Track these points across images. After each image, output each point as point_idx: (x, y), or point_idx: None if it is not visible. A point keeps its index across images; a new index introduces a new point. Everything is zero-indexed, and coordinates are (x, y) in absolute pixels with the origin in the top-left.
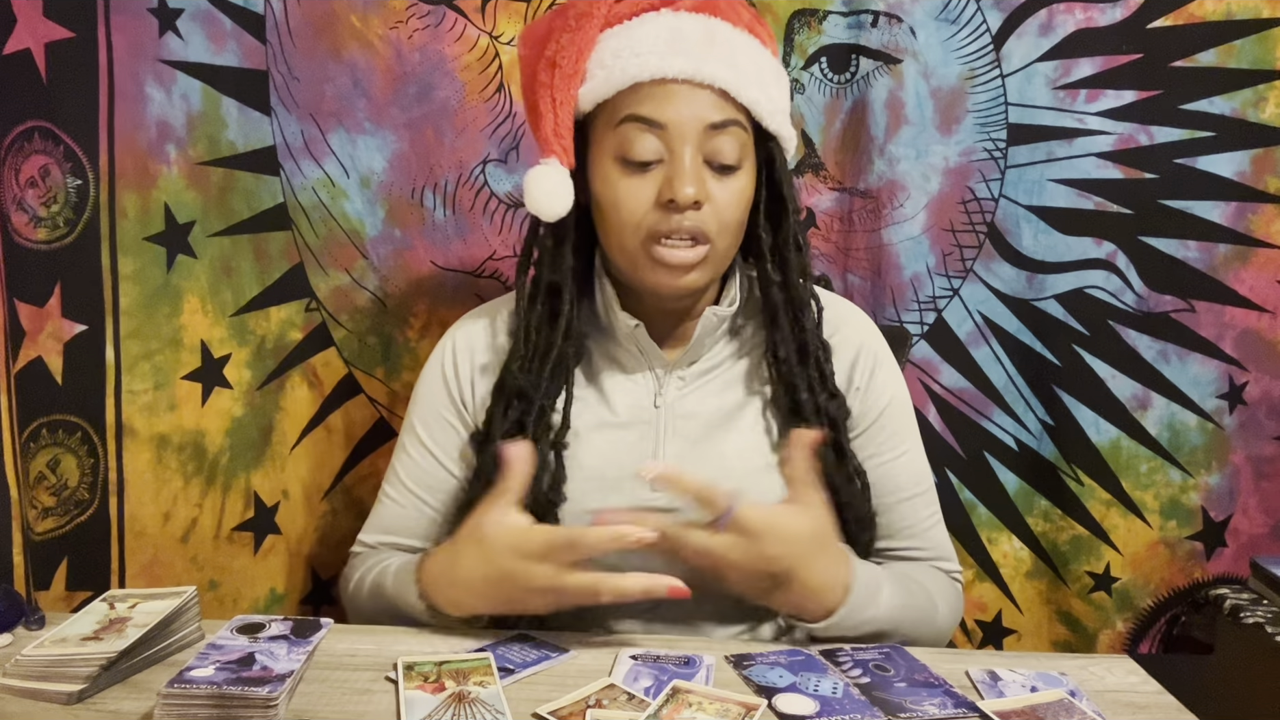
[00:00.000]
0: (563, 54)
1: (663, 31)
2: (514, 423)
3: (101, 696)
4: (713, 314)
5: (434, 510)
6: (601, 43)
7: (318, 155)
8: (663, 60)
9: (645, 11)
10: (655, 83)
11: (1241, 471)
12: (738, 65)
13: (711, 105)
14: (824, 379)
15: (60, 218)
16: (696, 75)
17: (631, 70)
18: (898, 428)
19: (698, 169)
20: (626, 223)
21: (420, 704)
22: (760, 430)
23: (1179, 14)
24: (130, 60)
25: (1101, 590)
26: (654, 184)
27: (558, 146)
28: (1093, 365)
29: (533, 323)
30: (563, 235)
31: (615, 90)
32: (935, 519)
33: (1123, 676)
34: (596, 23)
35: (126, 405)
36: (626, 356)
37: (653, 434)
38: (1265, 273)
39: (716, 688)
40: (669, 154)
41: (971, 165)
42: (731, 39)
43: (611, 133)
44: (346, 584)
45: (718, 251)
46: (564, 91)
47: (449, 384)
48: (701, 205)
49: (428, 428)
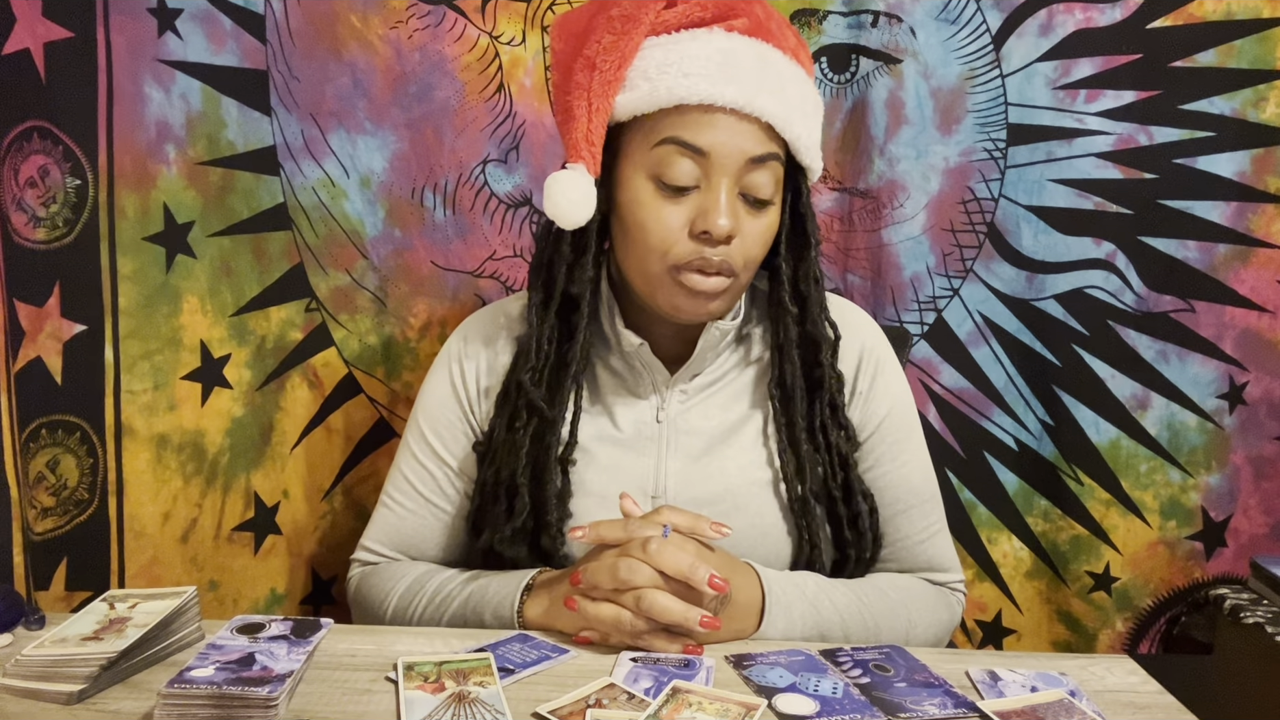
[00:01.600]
0: (604, 57)
1: (714, 53)
2: (522, 436)
3: (101, 696)
4: (716, 329)
5: (450, 516)
6: (646, 51)
7: (318, 155)
8: (714, 86)
9: (696, 26)
10: (702, 108)
11: (1241, 471)
12: (786, 98)
13: (755, 138)
14: (835, 411)
15: (59, 218)
16: (747, 107)
17: (679, 91)
18: (898, 437)
19: (733, 202)
20: (655, 248)
21: (420, 704)
22: (762, 446)
23: (1179, 14)
24: (129, 60)
25: (1101, 590)
26: (686, 210)
27: (588, 153)
28: (1092, 365)
29: (545, 334)
30: (584, 246)
31: (658, 107)
32: (931, 531)
33: (1123, 676)
34: (643, 28)
35: (126, 405)
36: (629, 371)
37: (654, 450)
38: (1265, 273)
39: (716, 688)
40: (706, 182)
41: (971, 165)
42: (781, 68)
43: (648, 151)
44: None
45: (739, 285)
46: (602, 98)
47: (457, 389)
48: (733, 240)
49: (438, 435)
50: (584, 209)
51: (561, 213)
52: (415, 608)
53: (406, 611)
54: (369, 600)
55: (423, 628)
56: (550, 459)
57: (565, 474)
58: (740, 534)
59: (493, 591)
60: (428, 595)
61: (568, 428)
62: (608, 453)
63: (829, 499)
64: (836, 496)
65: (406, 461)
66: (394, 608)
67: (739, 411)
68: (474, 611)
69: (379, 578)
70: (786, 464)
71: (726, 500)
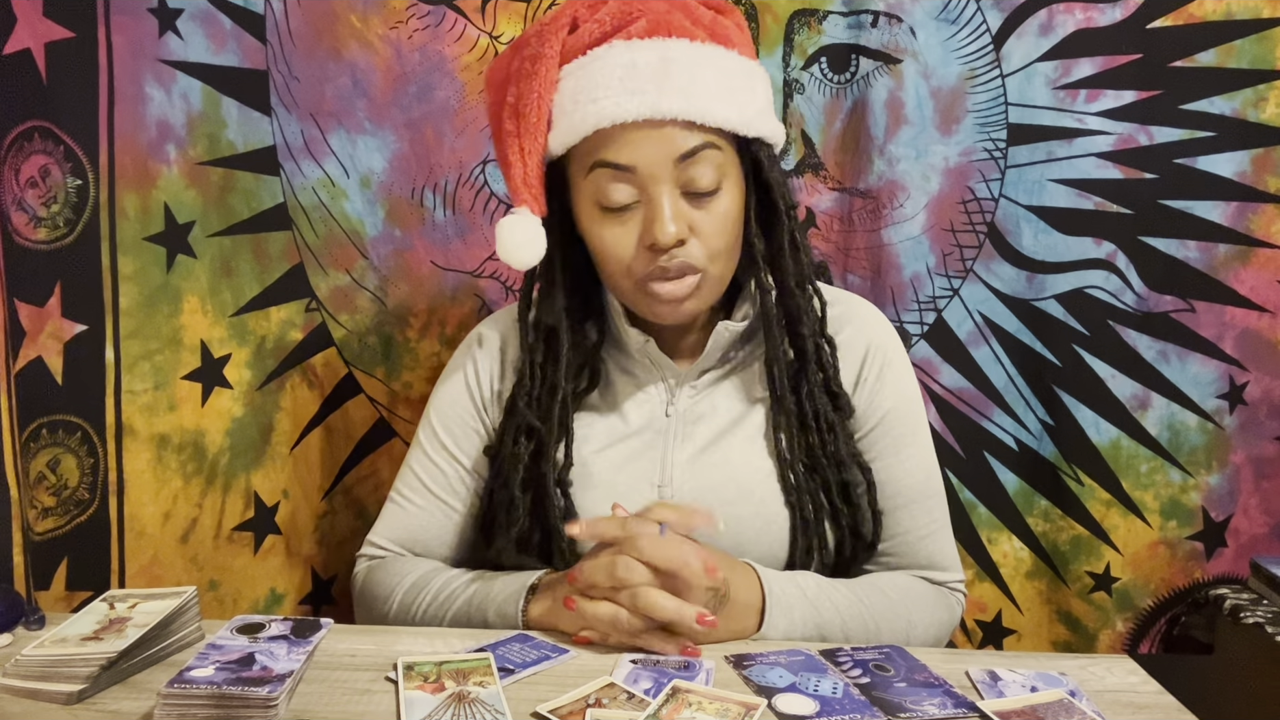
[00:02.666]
0: (524, 101)
1: (616, 69)
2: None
3: (101, 696)
4: (725, 329)
5: (460, 515)
6: (562, 83)
7: (318, 155)
8: (619, 104)
9: (598, 43)
10: (617, 128)
11: (1242, 471)
12: (698, 90)
13: (678, 137)
14: (825, 379)
15: (60, 218)
16: (655, 113)
17: (590, 119)
18: (902, 432)
19: (675, 205)
20: (616, 268)
21: (420, 704)
22: (767, 436)
23: (1179, 14)
24: (130, 60)
25: (1101, 590)
26: (635, 225)
27: (528, 196)
28: (1093, 365)
29: (535, 359)
30: (551, 279)
31: (580, 137)
32: (932, 529)
33: (1123, 676)
34: (552, 62)
35: (126, 405)
36: (639, 368)
37: (662, 443)
38: (1265, 273)
39: (716, 688)
40: (644, 194)
41: (971, 165)
42: (690, 59)
43: (584, 178)
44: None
45: (711, 277)
46: (530, 140)
47: (471, 389)
48: (685, 241)
49: (451, 432)
50: (532, 250)
51: (511, 256)
52: (419, 605)
53: (410, 608)
54: (373, 595)
55: (423, 627)
56: (549, 481)
57: (566, 496)
58: (744, 522)
59: (497, 591)
60: (432, 592)
61: (563, 451)
62: (616, 448)
63: (820, 470)
64: (825, 465)
65: (418, 458)
66: (398, 604)
67: (746, 402)
68: (478, 610)
69: (384, 573)
70: (782, 444)
71: (730, 488)
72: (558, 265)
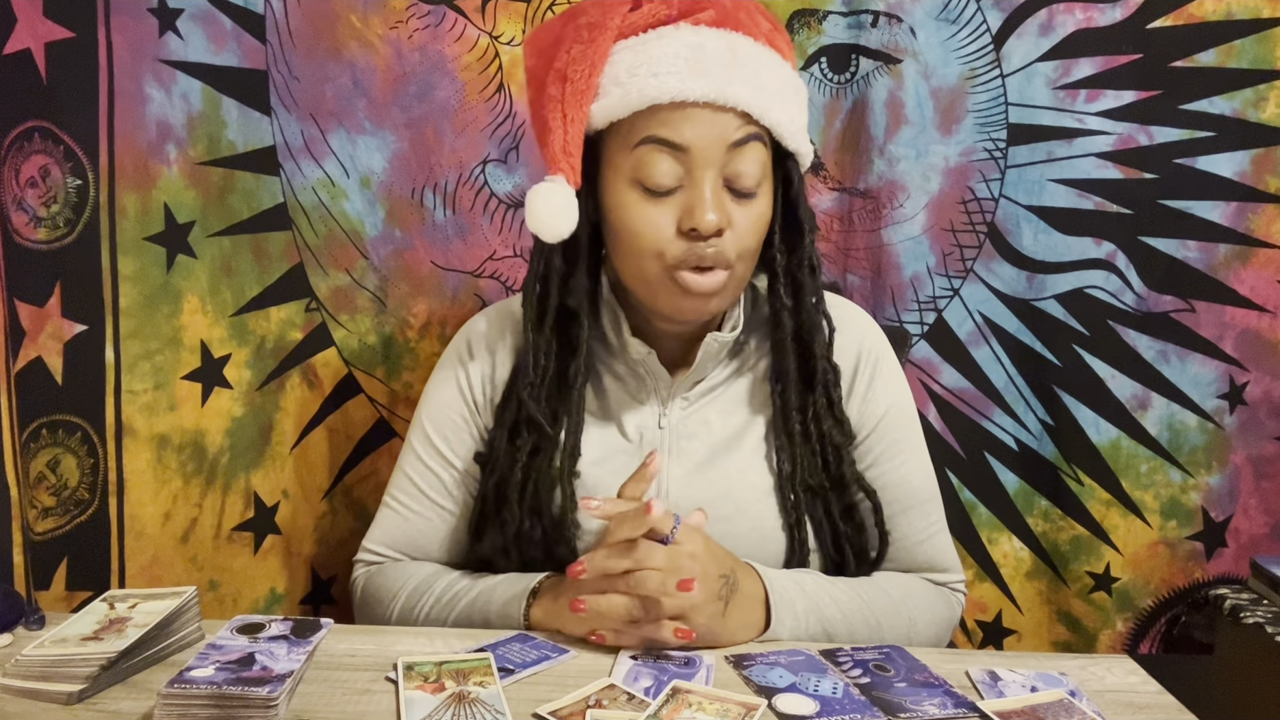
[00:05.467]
0: (574, 67)
1: (682, 49)
2: (524, 451)
3: (101, 696)
4: (714, 340)
5: (455, 517)
6: (615, 56)
7: (318, 155)
8: (684, 82)
9: (663, 24)
10: (675, 105)
11: (1242, 471)
12: (762, 85)
13: (733, 125)
14: (830, 404)
15: (60, 218)
16: (720, 98)
17: (650, 91)
18: (896, 437)
19: (719, 194)
20: (647, 251)
21: (420, 704)
22: (764, 451)
23: (1179, 14)
24: (130, 60)
25: (1101, 590)
26: (673, 210)
27: (566, 165)
28: (1093, 365)
29: (542, 347)
30: (575, 257)
31: (631, 110)
32: (931, 532)
33: (1123, 676)
34: (610, 34)
35: (126, 405)
36: (632, 378)
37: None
38: (1265, 273)
39: (716, 688)
40: (689, 179)
41: (971, 165)
42: (755, 56)
43: (628, 154)
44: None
45: (736, 277)
46: (575, 108)
47: (464, 391)
48: (723, 232)
49: (444, 436)
50: (565, 221)
51: (542, 225)
52: (421, 608)
53: (413, 612)
54: (375, 601)
55: (423, 628)
56: (551, 475)
57: (571, 488)
58: (741, 538)
59: (499, 593)
60: (434, 595)
61: (571, 441)
62: (611, 460)
63: (823, 492)
64: (828, 488)
65: (410, 463)
66: (400, 608)
67: (741, 417)
68: (480, 613)
69: (385, 578)
70: (783, 463)
71: (727, 504)
72: (583, 244)
